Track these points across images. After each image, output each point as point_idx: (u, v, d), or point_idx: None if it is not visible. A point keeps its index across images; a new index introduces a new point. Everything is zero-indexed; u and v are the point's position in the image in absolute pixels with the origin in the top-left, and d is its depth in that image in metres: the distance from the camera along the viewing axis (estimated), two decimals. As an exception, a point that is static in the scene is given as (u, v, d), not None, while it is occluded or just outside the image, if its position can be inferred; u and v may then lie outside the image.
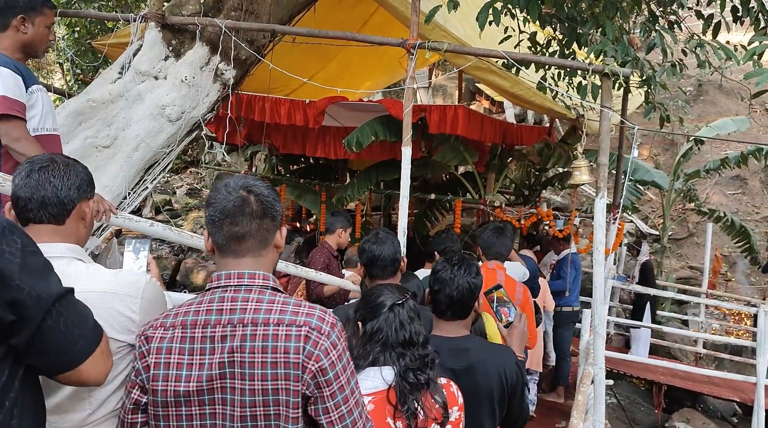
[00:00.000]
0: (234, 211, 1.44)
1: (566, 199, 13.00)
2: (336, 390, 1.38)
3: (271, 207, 1.48)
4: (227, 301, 1.41)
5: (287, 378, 1.36)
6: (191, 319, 1.42)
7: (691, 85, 16.78)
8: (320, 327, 1.38)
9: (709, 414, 7.69)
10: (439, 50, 3.89)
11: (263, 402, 1.37)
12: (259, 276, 1.45)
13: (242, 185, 1.47)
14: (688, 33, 4.53)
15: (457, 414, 1.85)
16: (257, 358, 1.36)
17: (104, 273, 1.56)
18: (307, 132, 7.04)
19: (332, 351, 1.38)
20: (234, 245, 1.45)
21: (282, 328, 1.37)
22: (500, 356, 2.16)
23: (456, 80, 10.97)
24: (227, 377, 1.37)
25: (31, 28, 2.72)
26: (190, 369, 1.39)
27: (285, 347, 1.36)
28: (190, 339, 1.40)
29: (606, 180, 3.64)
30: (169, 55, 4.25)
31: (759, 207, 14.40)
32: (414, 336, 1.80)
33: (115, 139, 4.04)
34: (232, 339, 1.38)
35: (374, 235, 2.72)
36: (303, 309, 1.41)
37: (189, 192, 15.43)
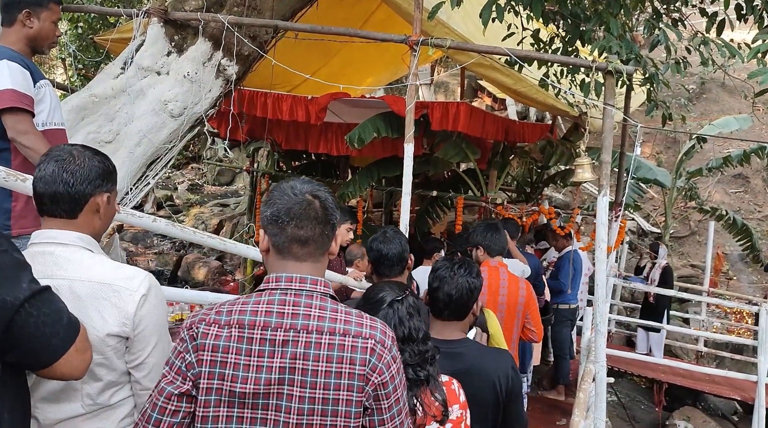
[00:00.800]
0: (300, 214, 1.43)
1: (568, 197, 12.99)
2: (393, 402, 1.41)
3: (333, 214, 1.49)
4: (289, 305, 1.40)
5: (350, 389, 1.36)
6: (249, 319, 1.38)
7: (693, 83, 16.75)
8: (384, 341, 1.41)
9: (709, 413, 7.70)
10: (442, 47, 3.88)
11: (321, 411, 1.35)
12: (321, 283, 1.45)
13: (309, 190, 1.47)
14: (692, 31, 4.51)
15: (459, 413, 1.83)
16: (321, 367, 1.35)
17: (107, 264, 1.56)
18: (309, 128, 7.02)
19: (393, 365, 1.41)
20: (296, 248, 1.44)
21: (349, 339, 1.37)
22: (495, 362, 2.13)
23: (458, 77, 10.96)
24: (285, 383, 1.35)
25: (37, 23, 2.72)
26: (248, 371, 1.36)
27: (351, 358, 1.36)
28: (248, 340, 1.37)
29: (609, 177, 3.64)
30: (172, 50, 4.24)
31: (761, 205, 14.38)
32: (413, 332, 1.79)
33: (117, 134, 4.03)
34: (294, 345, 1.36)
35: (382, 234, 2.72)
36: (366, 320, 1.42)
37: (190, 188, 15.44)
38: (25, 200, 2.43)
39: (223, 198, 14.22)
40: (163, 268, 10.75)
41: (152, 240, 11.86)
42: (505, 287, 3.37)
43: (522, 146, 7.36)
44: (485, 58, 4.43)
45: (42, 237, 1.53)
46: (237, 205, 12.98)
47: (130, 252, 11.18)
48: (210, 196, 14.47)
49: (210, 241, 2.56)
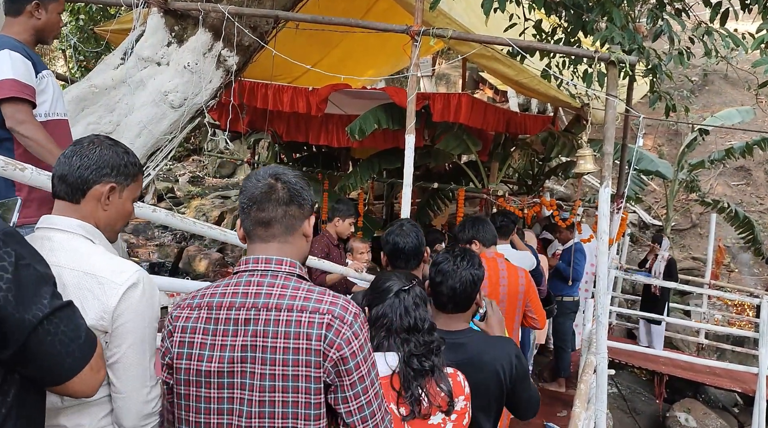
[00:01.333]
0: (261, 198, 1.47)
1: (570, 189, 12.96)
2: (356, 379, 1.40)
3: (298, 194, 1.51)
4: (253, 285, 1.44)
5: (308, 365, 1.37)
6: (217, 301, 1.44)
7: (696, 75, 16.67)
8: (343, 316, 1.39)
9: (710, 405, 7.71)
10: (444, 37, 3.86)
11: (282, 388, 1.37)
12: (286, 262, 1.48)
13: (271, 173, 1.51)
14: (695, 21, 4.48)
15: (463, 404, 1.82)
16: (279, 343, 1.38)
17: (101, 255, 1.51)
18: (310, 120, 7.00)
19: (354, 340, 1.39)
20: (260, 230, 1.49)
21: (305, 315, 1.38)
22: (498, 350, 2.11)
23: (459, 69, 10.91)
24: (248, 361, 1.39)
25: (45, 14, 2.71)
26: (213, 350, 1.41)
27: (307, 333, 1.37)
28: (214, 321, 1.43)
29: (611, 169, 3.62)
30: (172, 41, 4.22)
31: (763, 198, 14.35)
32: (419, 322, 1.79)
33: (117, 125, 4.02)
34: (255, 323, 1.40)
35: (399, 227, 2.70)
36: (327, 297, 1.42)
37: (191, 180, 15.43)
38: (28, 190, 2.42)
39: (224, 190, 14.21)
40: (164, 260, 10.76)
41: (153, 232, 11.87)
42: (505, 277, 3.36)
43: (523, 138, 7.34)
44: (487, 49, 4.40)
45: (46, 222, 1.53)
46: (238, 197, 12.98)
47: (132, 243, 11.18)
48: (211, 188, 14.46)
49: (210, 232, 2.55)
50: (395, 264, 2.68)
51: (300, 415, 1.38)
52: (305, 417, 1.38)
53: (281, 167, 1.56)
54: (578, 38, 4.88)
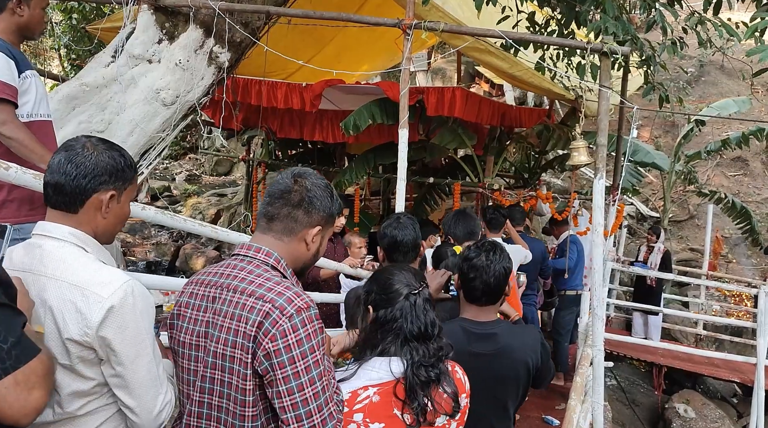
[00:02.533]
0: (275, 194, 1.54)
1: (567, 182, 12.95)
2: (290, 375, 1.35)
3: (309, 201, 1.53)
4: (230, 267, 1.50)
5: (243, 349, 1.38)
6: (204, 278, 1.53)
7: (692, 66, 16.65)
8: (284, 307, 1.37)
9: (709, 395, 7.73)
10: (436, 30, 3.84)
11: (221, 367, 1.42)
12: (263, 251, 1.52)
13: (295, 174, 1.57)
14: (688, 11, 4.46)
15: (465, 401, 1.78)
16: (226, 323, 1.42)
17: (89, 265, 1.43)
18: (305, 116, 6.99)
19: (290, 334, 1.36)
20: (263, 222, 1.55)
21: (251, 300, 1.40)
22: (526, 340, 2.19)
23: (455, 63, 10.88)
24: (207, 337, 1.45)
25: (27, 10, 2.67)
26: (189, 323, 1.50)
27: (246, 317, 1.39)
28: (196, 296, 1.51)
29: (605, 160, 3.60)
30: (163, 38, 4.19)
31: (760, 188, 14.35)
32: (430, 328, 1.71)
33: (109, 123, 4.00)
34: (218, 302, 1.45)
35: (396, 220, 2.70)
36: (278, 287, 1.42)
37: (188, 178, 15.40)
38: (8, 189, 2.40)
39: (220, 188, 14.18)
40: (161, 259, 10.75)
41: (149, 231, 11.84)
42: None
43: (519, 131, 7.32)
44: (480, 42, 4.38)
45: (40, 229, 1.49)
46: (234, 194, 12.95)
47: (128, 243, 11.16)
48: (208, 186, 14.43)
49: (201, 229, 2.54)
50: (393, 257, 2.67)
51: (231, 397, 1.41)
52: (235, 401, 1.40)
53: (310, 171, 1.60)
54: (572, 30, 4.86)
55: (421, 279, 1.81)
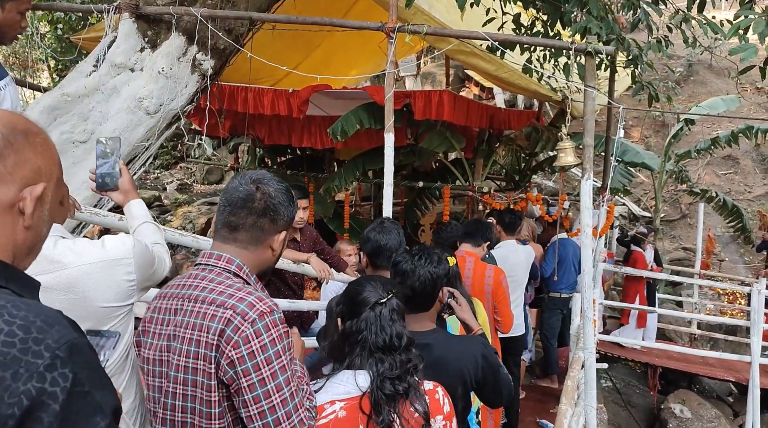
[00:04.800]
0: (236, 202, 1.47)
1: (558, 184, 12.96)
2: (256, 382, 1.31)
3: (274, 208, 1.49)
4: (191, 278, 1.46)
5: (205, 359, 1.33)
6: (167, 291, 1.49)
7: (681, 66, 16.73)
8: (245, 313, 1.33)
9: (704, 395, 7.70)
10: (419, 33, 3.81)
11: (183, 380, 1.36)
12: (224, 258, 1.46)
13: (254, 179, 1.50)
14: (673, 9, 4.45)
15: (442, 424, 1.69)
16: (187, 335, 1.37)
17: (92, 244, 1.56)
18: (292, 122, 6.95)
19: (254, 340, 1.32)
20: (225, 231, 1.49)
21: (211, 308, 1.36)
22: (463, 351, 2.05)
23: (444, 67, 10.87)
24: (170, 350, 1.40)
25: (1, 13, 2.61)
26: (152, 338, 1.45)
27: (207, 326, 1.34)
28: (159, 310, 1.47)
29: (591, 161, 3.58)
30: (145, 46, 4.15)
31: (751, 186, 14.40)
32: (395, 339, 1.64)
33: (92, 133, 3.95)
34: (180, 314, 1.41)
35: (379, 224, 2.65)
36: (240, 293, 1.38)
37: (180, 187, 15.32)
38: None
39: (212, 196, 14.11)
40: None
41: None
42: (470, 277, 3.45)
43: (508, 134, 7.30)
44: (465, 44, 4.35)
45: None
46: (221, 197, 12.88)
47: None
48: (199, 195, 14.35)
49: (181, 239, 2.50)
50: (376, 262, 2.61)
51: (196, 411, 1.35)
52: (200, 414, 1.35)
53: (268, 175, 1.53)
54: (558, 31, 4.85)
55: (391, 288, 1.74)
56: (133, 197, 1.87)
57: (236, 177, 1.53)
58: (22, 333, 0.79)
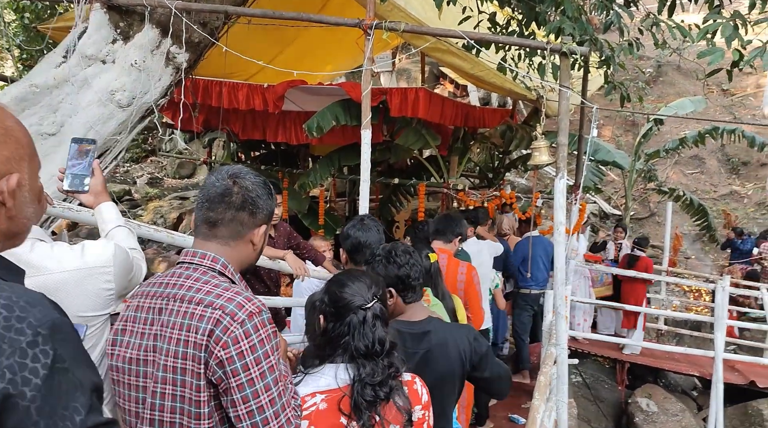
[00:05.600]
0: (214, 198, 1.46)
1: (531, 181, 13.11)
2: (245, 382, 1.31)
3: (252, 202, 1.48)
4: (175, 277, 1.44)
5: (194, 360, 1.32)
6: (148, 290, 1.45)
7: (650, 67, 17.05)
8: (234, 313, 1.33)
9: (670, 389, 7.89)
10: (396, 30, 3.81)
11: (172, 380, 1.35)
12: (209, 257, 1.45)
13: (231, 174, 1.49)
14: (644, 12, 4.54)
15: (421, 414, 1.72)
16: (175, 335, 1.35)
17: (71, 251, 1.54)
18: (267, 117, 6.90)
19: (243, 340, 1.32)
20: (204, 228, 1.48)
21: (199, 308, 1.35)
22: (457, 335, 2.14)
23: (420, 64, 10.90)
24: (156, 350, 1.38)
25: None
26: (134, 337, 1.42)
27: (196, 327, 1.33)
28: (141, 309, 1.43)
29: (566, 160, 3.63)
30: (117, 38, 4.07)
31: (716, 185, 14.77)
32: (377, 345, 1.63)
33: (61, 125, 3.86)
34: (165, 313, 1.38)
35: (359, 221, 2.65)
36: (228, 293, 1.37)
37: (150, 181, 15.08)
38: None
39: (183, 190, 13.93)
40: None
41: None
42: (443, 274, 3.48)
43: (482, 131, 7.36)
44: (441, 42, 4.38)
45: None
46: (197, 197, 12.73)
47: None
48: (170, 190, 14.16)
49: (156, 235, 2.46)
50: (356, 259, 2.62)
51: (185, 411, 1.34)
52: (188, 414, 1.34)
53: (244, 169, 1.53)
54: (533, 30, 4.89)
55: (375, 289, 1.73)
56: (105, 199, 1.84)
57: (213, 173, 1.51)
58: (5, 312, 0.83)
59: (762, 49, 3.17)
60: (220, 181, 1.47)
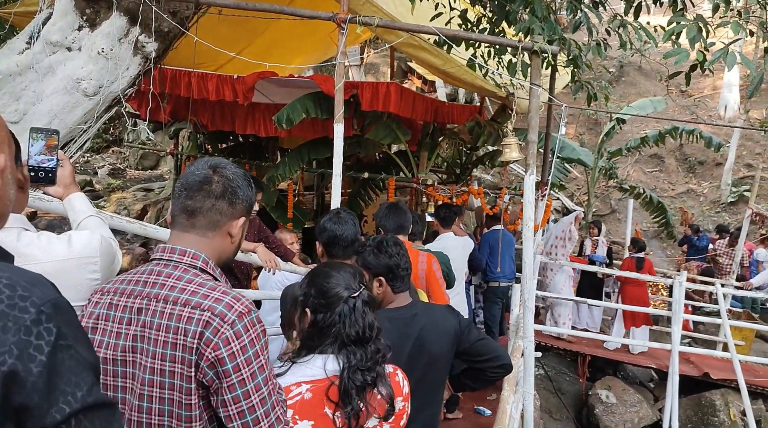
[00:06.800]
0: (193, 186, 1.44)
1: (496, 178, 13.28)
2: (236, 383, 1.30)
3: (232, 191, 1.46)
4: (153, 274, 1.40)
5: (183, 362, 1.30)
6: (122, 288, 1.41)
7: (613, 67, 17.42)
8: (224, 315, 1.31)
9: (628, 381, 8.11)
10: (370, 25, 3.82)
11: (159, 383, 1.32)
12: (189, 254, 1.42)
13: (211, 164, 1.47)
14: (611, 13, 4.65)
15: (401, 405, 1.74)
16: (161, 337, 1.32)
17: (58, 240, 1.54)
18: (236, 108, 6.82)
19: (234, 341, 1.31)
20: (183, 218, 1.45)
21: (186, 309, 1.32)
22: (439, 312, 2.27)
23: (388, 59, 10.91)
24: (137, 351, 1.35)
25: None
26: (110, 337, 1.37)
27: (184, 329, 1.31)
28: (115, 307, 1.39)
29: (535, 157, 3.71)
30: (83, 24, 3.97)
31: (674, 184, 15.21)
32: (367, 331, 1.66)
33: (24, 114, 3.76)
34: (145, 313, 1.35)
35: (335, 215, 2.66)
36: (215, 293, 1.35)
37: (112, 172, 14.74)
38: None
39: (147, 182, 13.66)
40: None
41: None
42: None
43: (451, 127, 7.42)
44: (414, 38, 4.40)
45: None
46: (162, 189, 12.50)
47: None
48: (133, 181, 13.87)
49: (128, 226, 2.43)
50: (332, 252, 2.63)
51: (174, 414, 1.32)
52: (178, 417, 1.32)
53: (225, 161, 1.51)
54: (503, 28, 4.96)
55: (361, 275, 1.76)
56: (74, 190, 1.80)
57: (193, 163, 1.50)
58: (8, 291, 0.85)
59: (724, 50, 3.29)
60: (200, 170, 1.45)
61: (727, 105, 15.96)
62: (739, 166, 15.04)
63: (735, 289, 8.88)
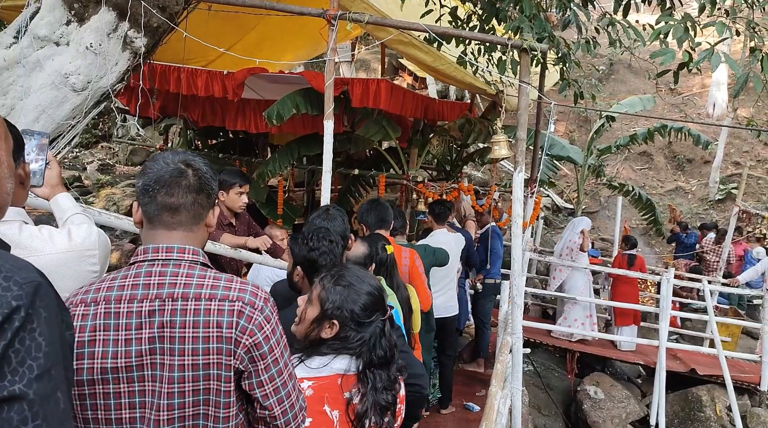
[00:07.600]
0: (170, 182, 1.41)
1: (486, 175, 13.31)
2: (270, 363, 1.40)
3: (208, 184, 1.47)
4: (155, 276, 1.37)
5: (220, 353, 1.35)
6: (116, 294, 1.36)
7: (603, 65, 17.49)
8: (253, 302, 1.39)
9: (616, 377, 8.18)
10: (361, 21, 3.83)
11: (193, 377, 1.35)
12: (189, 251, 1.43)
13: (181, 159, 1.46)
14: (600, 11, 4.68)
15: (398, 407, 1.78)
16: (188, 333, 1.34)
17: (58, 233, 1.58)
18: (226, 104, 6.80)
19: (266, 325, 1.39)
20: (166, 217, 1.42)
21: (214, 303, 1.36)
22: None
23: (379, 55, 10.91)
24: (157, 352, 1.35)
25: None
26: (117, 345, 1.34)
27: (218, 321, 1.35)
28: (115, 315, 1.35)
29: (524, 154, 3.73)
30: (72, 19, 3.94)
31: (663, 181, 15.31)
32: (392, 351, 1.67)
33: (11, 109, 3.74)
34: (161, 314, 1.35)
35: (324, 211, 2.68)
36: (235, 284, 1.41)
37: (101, 168, 14.64)
38: None
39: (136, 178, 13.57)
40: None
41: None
42: None
43: (441, 124, 7.44)
44: (404, 35, 4.41)
45: None
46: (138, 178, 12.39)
47: (35, 236, 10.46)
48: (122, 177, 13.78)
49: (117, 222, 2.42)
50: None
51: (211, 402, 1.37)
52: (216, 404, 1.38)
53: (189, 153, 1.51)
54: (492, 26, 4.98)
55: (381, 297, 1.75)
56: (60, 191, 1.82)
57: (156, 158, 1.45)
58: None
59: (710, 51, 3.32)
60: (171, 165, 1.42)
61: (716, 103, 16.07)
62: (727, 163, 15.16)
63: (722, 286, 8.97)
